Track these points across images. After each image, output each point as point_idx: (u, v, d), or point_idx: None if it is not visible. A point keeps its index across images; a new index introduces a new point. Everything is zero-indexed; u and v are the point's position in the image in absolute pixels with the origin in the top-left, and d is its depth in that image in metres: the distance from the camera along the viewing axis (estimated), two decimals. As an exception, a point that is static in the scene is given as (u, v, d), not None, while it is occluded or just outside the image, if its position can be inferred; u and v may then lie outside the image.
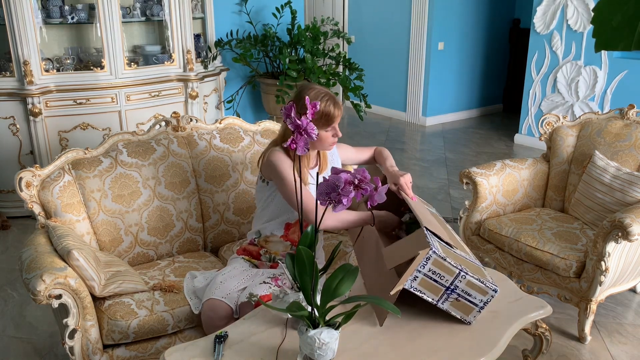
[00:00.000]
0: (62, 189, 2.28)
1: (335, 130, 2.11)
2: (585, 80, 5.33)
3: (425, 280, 1.70)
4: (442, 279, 1.70)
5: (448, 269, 1.69)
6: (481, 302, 1.74)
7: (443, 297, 1.73)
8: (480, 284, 1.72)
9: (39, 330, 2.74)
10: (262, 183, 2.21)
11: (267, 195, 2.20)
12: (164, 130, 2.63)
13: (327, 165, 2.26)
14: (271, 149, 2.15)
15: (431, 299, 1.73)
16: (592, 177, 2.79)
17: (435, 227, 1.88)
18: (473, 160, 5.50)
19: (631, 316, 2.82)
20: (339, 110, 2.08)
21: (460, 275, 1.70)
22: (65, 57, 4.07)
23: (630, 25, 0.79)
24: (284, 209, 2.18)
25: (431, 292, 1.72)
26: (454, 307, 1.75)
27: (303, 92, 2.06)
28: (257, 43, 5.05)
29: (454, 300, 1.74)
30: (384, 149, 2.41)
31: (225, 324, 1.97)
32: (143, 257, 2.49)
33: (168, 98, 4.28)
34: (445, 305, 1.75)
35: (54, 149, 3.93)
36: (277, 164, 2.07)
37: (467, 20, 6.77)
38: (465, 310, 1.76)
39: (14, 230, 3.86)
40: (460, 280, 1.70)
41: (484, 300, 1.74)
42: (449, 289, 1.72)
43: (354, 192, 1.41)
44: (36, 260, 1.95)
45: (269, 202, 2.21)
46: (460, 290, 1.72)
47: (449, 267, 1.69)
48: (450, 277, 1.70)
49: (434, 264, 1.68)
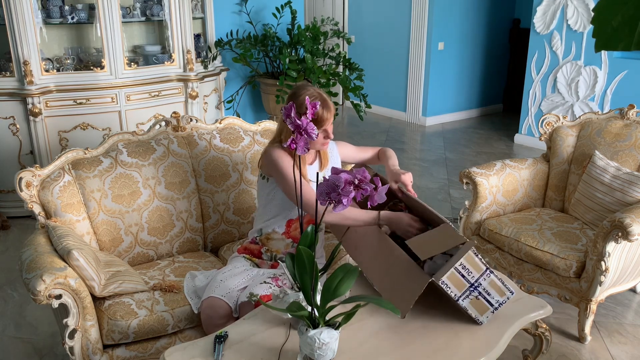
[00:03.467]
0: (62, 189, 2.28)
1: (327, 132, 2.13)
2: (585, 80, 5.33)
3: (453, 274, 1.69)
4: (470, 274, 1.70)
5: (477, 266, 1.69)
6: (497, 303, 1.75)
7: (465, 293, 1.72)
8: (501, 285, 1.73)
9: (39, 330, 2.74)
10: (263, 180, 2.23)
11: (268, 192, 2.21)
12: (164, 130, 2.63)
13: (327, 162, 2.28)
14: (270, 146, 2.18)
15: (454, 294, 1.72)
16: (592, 177, 2.79)
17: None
18: (473, 160, 5.50)
19: (631, 316, 2.82)
20: (329, 113, 2.10)
21: (486, 273, 1.70)
22: (65, 57, 4.07)
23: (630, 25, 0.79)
24: (285, 205, 2.20)
25: (456, 287, 1.71)
26: (472, 305, 1.75)
27: (295, 95, 2.10)
28: (257, 43, 5.05)
29: (474, 299, 1.74)
30: (389, 149, 2.42)
31: (224, 322, 1.97)
32: (143, 257, 2.49)
33: (168, 98, 4.28)
34: (464, 303, 1.74)
35: (54, 149, 3.93)
36: (277, 160, 2.10)
37: (467, 20, 6.77)
38: (481, 310, 1.76)
39: (14, 230, 3.86)
40: (484, 278, 1.71)
41: (500, 301, 1.74)
42: (472, 285, 1.72)
43: (354, 192, 1.41)
44: (36, 260, 1.95)
45: (270, 199, 2.22)
46: (482, 289, 1.73)
47: (478, 264, 1.69)
48: (477, 274, 1.70)
49: (467, 258, 1.68)
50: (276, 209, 2.21)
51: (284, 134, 2.15)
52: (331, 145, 2.35)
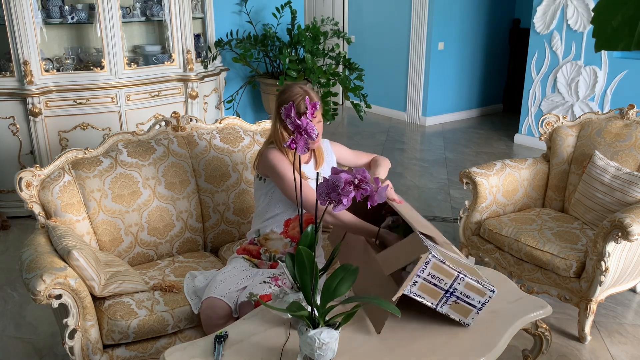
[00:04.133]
0: (62, 189, 2.28)
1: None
2: (585, 80, 5.33)
3: (424, 285, 1.69)
4: (441, 282, 1.69)
5: (447, 272, 1.68)
6: (479, 304, 1.74)
7: (442, 300, 1.72)
8: (478, 286, 1.71)
9: (39, 330, 2.74)
10: (259, 181, 2.23)
11: (265, 192, 2.22)
12: (164, 130, 2.63)
13: (323, 160, 2.29)
14: (265, 147, 2.19)
15: (430, 303, 1.72)
16: (592, 177, 2.79)
17: (428, 229, 1.87)
18: (473, 160, 5.50)
19: (631, 316, 2.82)
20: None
21: (459, 277, 1.69)
22: (65, 57, 4.07)
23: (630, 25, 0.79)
24: (283, 205, 2.20)
25: (431, 296, 1.71)
26: (453, 309, 1.75)
27: (280, 96, 2.14)
28: (257, 43, 5.05)
29: (453, 303, 1.73)
30: (382, 158, 2.41)
31: (224, 322, 1.97)
32: (143, 257, 2.49)
33: (168, 98, 4.28)
34: (444, 309, 1.74)
35: (54, 149, 3.93)
36: (273, 161, 2.11)
37: (467, 20, 6.77)
38: (464, 313, 1.76)
39: (14, 230, 3.86)
40: (458, 283, 1.70)
41: (482, 301, 1.74)
42: (447, 292, 1.71)
43: (354, 192, 1.41)
44: (36, 260, 1.95)
45: (267, 199, 2.22)
46: (459, 293, 1.72)
47: (447, 271, 1.68)
48: (449, 280, 1.69)
49: (433, 267, 1.67)
50: (274, 209, 2.22)
51: (277, 133, 2.16)
52: (325, 144, 2.35)
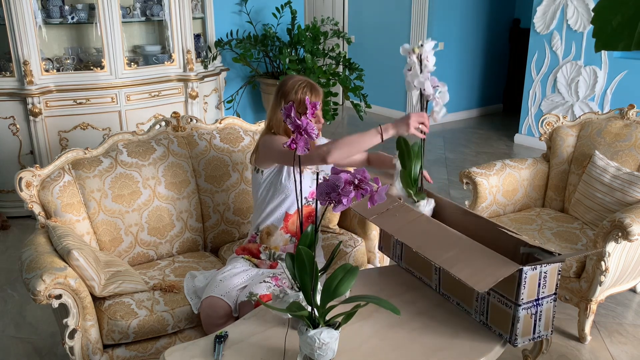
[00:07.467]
0: (62, 189, 2.28)
1: (317, 116, 2.16)
2: (585, 80, 5.33)
3: (534, 277, 1.60)
4: (543, 288, 1.63)
5: (552, 285, 1.62)
6: (537, 334, 1.68)
7: (528, 304, 1.64)
8: (551, 317, 1.68)
9: (39, 330, 2.74)
10: (257, 174, 2.25)
11: (263, 180, 2.23)
12: (164, 130, 2.63)
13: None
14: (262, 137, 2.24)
15: (521, 297, 1.60)
16: (592, 177, 2.79)
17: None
18: (473, 160, 5.50)
19: (631, 316, 2.82)
20: (318, 97, 2.14)
21: (552, 296, 1.64)
22: (65, 57, 4.07)
23: (630, 25, 0.79)
24: (281, 196, 2.21)
25: (528, 290, 1.61)
26: (524, 320, 1.64)
27: (282, 86, 2.16)
28: (257, 43, 5.05)
29: (528, 315, 1.65)
30: (382, 153, 2.41)
31: (224, 322, 1.97)
32: (143, 257, 2.49)
33: (168, 98, 4.28)
34: (520, 313, 1.63)
35: (54, 149, 3.93)
36: (271, 138, 2.14)
37: (467, 20, 6.77)
38: (525, 331, 1.67)
39: (14, 230, 3.86)
40: (548, 301, 1.65)
41: (542, 334, 1.69)
42: (537, 300, 1.64)
43: (354, 192, 1.41)
44: (36, 260, 1.95)
45: (264, 191, 2.23)
46: (540, 309, 1.66)
47: (553, 283, 1.62)
48: (548, 292, 1.63)
49: (551, 270, 1.60)
50: (272, 199, 2.22)
51: (273, 122, 2.20)
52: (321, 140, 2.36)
